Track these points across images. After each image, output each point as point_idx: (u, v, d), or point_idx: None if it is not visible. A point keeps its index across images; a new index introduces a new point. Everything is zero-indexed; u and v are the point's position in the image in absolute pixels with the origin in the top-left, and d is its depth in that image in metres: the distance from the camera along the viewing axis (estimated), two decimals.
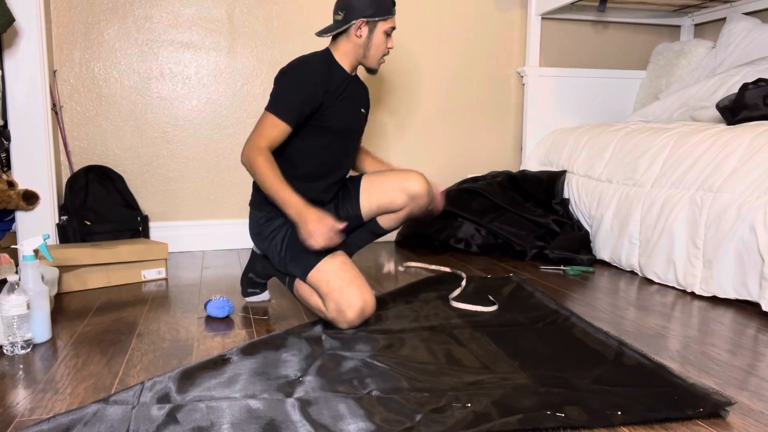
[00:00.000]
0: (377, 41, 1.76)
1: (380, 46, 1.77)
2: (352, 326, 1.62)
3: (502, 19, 3.07)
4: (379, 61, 1.81)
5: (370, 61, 1.80)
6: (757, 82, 2.14)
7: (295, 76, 1.68)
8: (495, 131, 3.15)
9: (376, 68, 1.83)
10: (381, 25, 1.74)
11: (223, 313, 1.75)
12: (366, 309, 1.61)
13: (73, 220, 2.42)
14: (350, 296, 1.59)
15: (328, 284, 1.62)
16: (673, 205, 2.10)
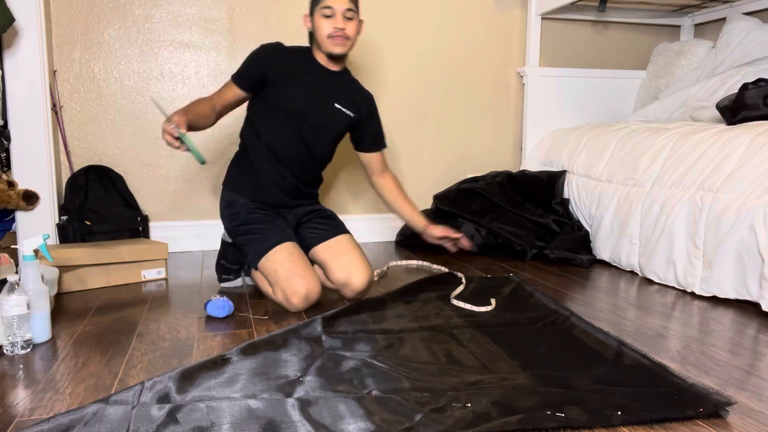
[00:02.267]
0: (317, 25, 1.88)
1: (320, 29, 1.87)
2: (298, 309, 1.81)
3: (502, 19, 3.07)
4: (330, 43, 1.88)
5: (323, 47, 1.90)
6: (757, 82, 2.14)
7: (253, 52, 1.93)
8: (495, 131, 3.15)
9: (332, 51, 1.89)
10: (317, 12, 1.86)
11: (223, 313, 1.75)
12: (310, 295, 1.80)
13: (73, 220, 2.42)
14: (295, 284, 1.78)
15: (276, 273, 1.81)
16: (673, 205, 2.10)
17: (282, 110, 1.92)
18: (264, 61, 1.90)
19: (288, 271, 1.80)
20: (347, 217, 2.95)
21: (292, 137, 1.94)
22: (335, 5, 1.84)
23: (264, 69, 1.89)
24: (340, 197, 2.96)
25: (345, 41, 1.88)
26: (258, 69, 1.89)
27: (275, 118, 1.93)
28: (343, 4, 1.85)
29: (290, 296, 1.79)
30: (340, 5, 1.84)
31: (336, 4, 1.84)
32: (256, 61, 1.91)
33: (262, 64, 1.90)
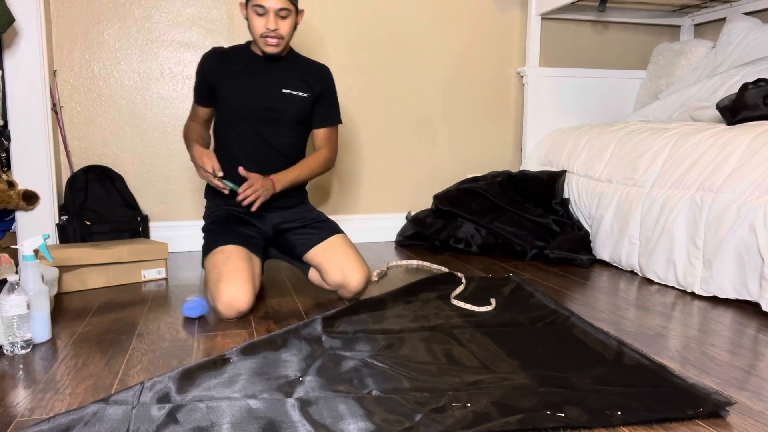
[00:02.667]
0: (250, 21, 1.81)
1: (253, 26, 1.81)
2: (225, 317, 1.72)
3: (502, 19, 3.07)
4: (263, 42, 1.81)
5: (258, 44, 1.85)
6: (757, 82, 2.14)
7: (197, 67, 1.96)
8: (495, 131, 3.15)
9: (266, 51, 1.84)
10: (250, 6, 1.77)
11: (194, 313, 1.73)
12: (234, 304, 1.69)
13: (73, 220, 2.42)
14: (220, 290, 1.69)
15: (209, 275, 1.78)
16: (673, 205, 2.10)
17: (231, 110, 1.91)
18: (204, 72, 1.91)
19: (219, 274, 1.72)
20: (347, 216, 2.95)
21: (248, 135, 1.90)
22: (267, 4, 1.75)
23: (207, 79, 1.91)
24: (340, 197, 2.96)
25: (279, 41, 1.81)
26: (203, 82, 1.92)
27: (228, 121, 1.92)
28: (277, 3, 1.75)
29: (215, 301, 1.70)
30: (273, 4, 1.75)
31: (268, 3, 1.75)
32: (198, 75, 1.93)
33: (203, 75, 1.91)
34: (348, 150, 2.94)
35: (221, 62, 1.91)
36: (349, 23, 2.86)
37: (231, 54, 1.93)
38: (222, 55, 1.92)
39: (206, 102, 1.96)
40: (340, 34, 2.85)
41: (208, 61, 1.92)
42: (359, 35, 2.87)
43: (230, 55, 1.92)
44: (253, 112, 1.89)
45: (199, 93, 1.96)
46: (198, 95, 1.97)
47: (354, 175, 2.96)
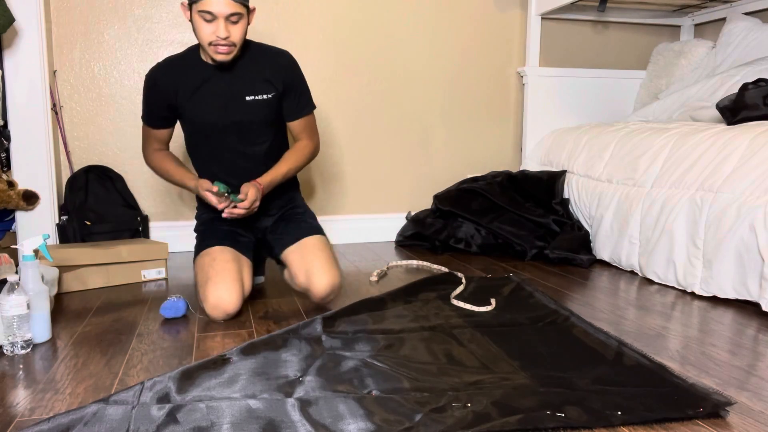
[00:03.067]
0: (196, 26, 1.62)
1: (199, 31, 1.62)
2: (214, 319, 1.71)
3: (502, 19, 3.07)
4: (212, 50, 1.64)
5: (206, 52, 1.67)
6: (757, 82, 2.14)
7: (144, 87, 1.81)
8: (495, 131, 3.15)
9: (216, 60, 1.66)
10: (195, 8, 1.60)
11: (170, 314, 1.73)
12: (220, 305, 1.68)
13: (73, 220, 2.42)
14: (207, 292, 1.69)
15: (197, 277, 1.78)
16: (673, 205, 2.10)
17: (196, 130, 1.81)
18: (156, 92, 1.77)
19: (206, 276, 1.72)
20: (347, 216, 2.95)
21: (222, 151, 1.82)
22: (216, 10, 1.57)
23: (161, 100, 1.77)
24: (340, 197, 2.96)
25: (230, 48, 1.64)
26: (157, 103, 1.78)
27: (197, 140, 1.84)
28: (227, 8, 1.57)
29: (203, 303, 1.70)
30: (223, 9, 1.57)
31: (217, 9, 1.57)
32: (150, 97, 1.79)
33: (156, 96, 1.77)
34: (348, 150, 2.94)
35: (173, 79, 1.75)
36: (349, 23, 2.86)
37: (181, 67, 1.76)
38: (171, 69, 1.75)
39: (163, 123, 1.83)
40: (340, 34, 2.85)
41: (158, 80, 1.75)
42: (359, 35, 2.87)
43: (181, 69, 1.75)
44: (220, 128, 1.79)
45: (155, 116, 1.80)
46: (152, 118, 1.81)
47: (354, 175, 2.96)
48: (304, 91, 1.87)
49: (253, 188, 1.70)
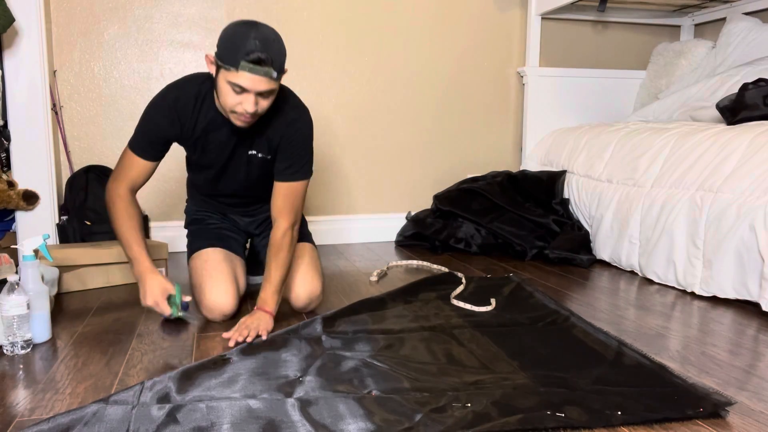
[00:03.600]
0: (221, 89, 1.46)
1: (224, 96, 1.46)
2: (212, 319, 1.70)
3: (502, 19, 3.07)
4: (233, 117, 1.49)
5: (225, 113, 1.53)
6: (757, 82, 2.14)
7: (147, 114, 1.62)
8: (495, 131, 3.15)
9: (235, 125, 1.52)
10: (224, 74, 1.42)
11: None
12: (216, 307, 1.67)
13: (73, 220, 2.42)
14: (203, 295, 1.69)
15: (193, 278, 1.76)
16: (673, 205, 2.09)
17: (202, 169, 1.75)
18: (162, 127, 1.61)
19: (201, 278, 1.71)
20: (347, 217, 2.95)
21: (224, 184, 1.78)
22: (250, 86, 1.41)
23: (165, 133, 1.62)
24: (340, 197, 2.96)
25: (254, 119, 1.50)
26: (159, 137, 1.62)
27: (201, 175, 1.78)
28: (262, 86, 1.42)
29: (200, 305, 1.70)
30: (258, 87, 1.42)
31: (251, 86, 1.41)
32: (152, 128, 1.61)
33: (161, 130, 1.61)
34: (348, 150, 2.94)
35: (180, 117, 1.61)
36: (349, 23, 2.86)
37: (192, 107, 1.60)
38: (182, 107, 1.60)
39: (154, 155, 1.64)
40: (340, 34, 2.85)
41: (165, 114, 1.60)
42: (359, 35, 2.87)
43: (191, 109, 1.60)
44: (225, 173, 1.74)
45: (148, 145, 1.62)
46: (144, 147, 1.62)
47: (354, 175, 2.96)
48: (301, 156, 1.66)
49: (264, 321, 1.55)
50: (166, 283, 1.61)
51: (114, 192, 1.63)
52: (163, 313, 1.61)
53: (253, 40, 1.38)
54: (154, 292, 1.59)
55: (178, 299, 1.63)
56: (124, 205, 1.62)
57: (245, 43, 1.38)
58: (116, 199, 1.62)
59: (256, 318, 1.55)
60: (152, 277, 1.60)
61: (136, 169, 1.64)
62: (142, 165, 1.64)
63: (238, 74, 1.40)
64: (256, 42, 1.38)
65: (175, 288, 1.62)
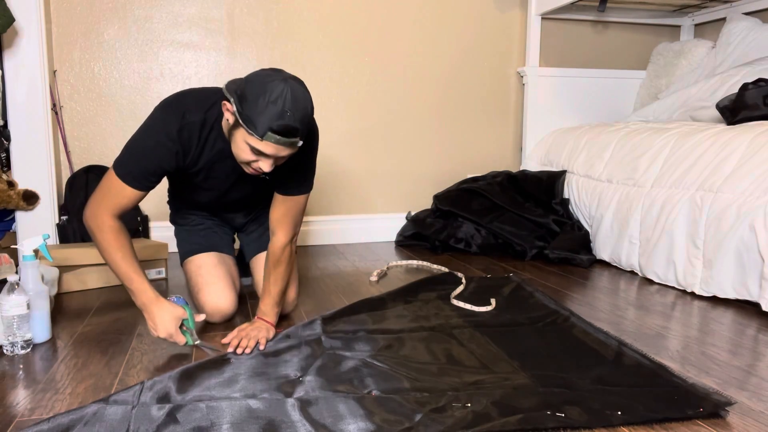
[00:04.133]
0: (237, 143, 1.34)
1: (239, 150, 1.35)
2: (212, 321, 1.70)
3: (502, 19, 3.07)
4: (245, 167, 1.39)
5: (235, 157, 1.40)
6: (757, 82, 2.14)
7: (144, 142, 1.44)
8: (495, 131, 3.15)
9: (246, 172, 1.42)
10: (244, 134, 1.30)
11: None
12: (218, 310, 1.68)
13: (73, 220, 2.42)
14: (202, 300, 1.69)
15: (191, 281, 1.75)
16: (673, 205, 2.09)
17: (198, 190, 1.67)
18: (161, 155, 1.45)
19: (196, 285, 1.71)
20: (347, 216, 2.95)
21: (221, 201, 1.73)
22: (272, 153, 1.31)
23: (165, 163, 1.47)
24: (340, 197, 2.96)
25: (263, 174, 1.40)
26: (157, 165, 1.46)
27: (196, 194, 1.69)
28: (283, 153, 1.32)
29: (203, 306, 1.70)
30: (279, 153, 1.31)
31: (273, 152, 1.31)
32: (152, 160, 1.45)
33: (160, 159, 1.46)
34: (348, 150, 2.94)
35: (185, 153, 1.48)
36: (349, 23, 2.86)
37: (197, 138, 1.48)
38: (187, 142, 1.47)
39: (150, 187, 1.49)
40: (340, 34, 2.85)
41: (166, 148, 1.45)
42: (359, 35, 2.87)
43: (196, 140, 1.48)
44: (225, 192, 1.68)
45: (145, 178, 1.46)
46: (139, 179, 1.45)
47: (354, 175, 2.96)
48: (305, 171, 1.58)
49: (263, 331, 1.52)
50: (175, 309, 1.46)
51: (100, 220, 1.44)
52: (178, 343, 1.46)
53: (283, 108, 1.25)
54: (165, 323, 1.44)
55: (191, 323, 1.48)
56: (114, 235, 1.44)
57: (277, 114, 1.25)
58: (104, 229, 1.44)
59: (256, 327, 1.52)
60: (160, 307, 1.45)
61: (124, 198, 1.46)
62: (131, 194, 1.46)
63: (261, 142, 1.28)
64: (287, 112, 1.25)
65: (186, 311, 1.47)
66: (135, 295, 1.46)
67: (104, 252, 1.45)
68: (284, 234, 1.59)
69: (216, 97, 1.47)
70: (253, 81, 1.29)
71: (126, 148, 1.47)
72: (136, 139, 1.46)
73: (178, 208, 1.88)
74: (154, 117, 1.47)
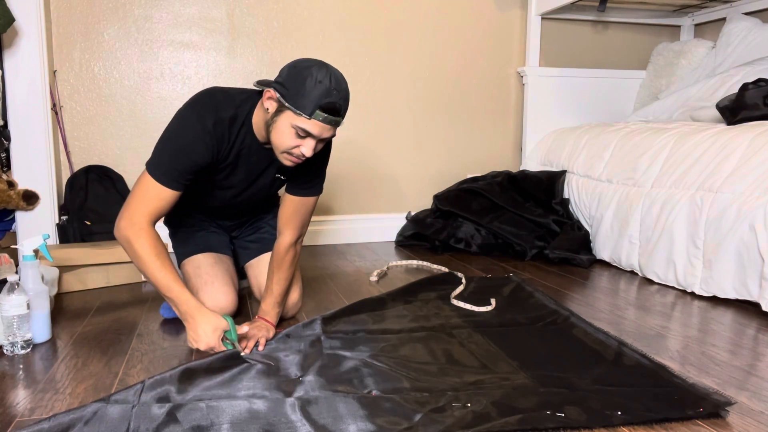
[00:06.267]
0: (280, 129, 1.36)
1: (283, 136, 1.36)
2: None
3: (502, 19, 3.07)
4: (283, 157, 1.41)
5: (273, 147, 1.42)
6: (757, 82, 2.14)
7: (179, 139, 1.43)
8: (495, 131, 3.15)
9: (281, 162, 1.43)
10: (290, 116, 1.33)
11: (170, 314, 1.73)
12: (220, 307, 1.64)
13: (73, 220, 2.42)
14: (204, 296, 1.65)
15: (190, 281, 1.70)
16: (673, 205, 2.09)
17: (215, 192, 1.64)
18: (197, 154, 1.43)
19: (195, 286, 1.68)
20: (347, 216, 2.95)
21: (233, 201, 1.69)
22: (317, 133, 1.35)
23: (201, 161, 1.45)
24: (340, 197, 2.96)
25: (301, 161, 1.43)
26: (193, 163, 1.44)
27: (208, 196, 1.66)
28: (329, 132, 1.37)
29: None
30: (325, 134, 1.36)
31: (319, 132, 1.35)
32: (189, 156, 1.43)
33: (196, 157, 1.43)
34: (348, 150, 2.94)
35: (218, 147, 1.47)
36: (349, 22, 2.86)
37: (228, 134, 1.47)
38: (221, 136, 1.46)
39: (186, 186, 1.46)
40: (340, 34, 2.85)
41: (203, 143, 1.43)
42: (359, 35, 2.87)
43: (227, 135, 1.47)
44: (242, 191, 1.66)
45: (182, 177, 1.43)
46: (177, 179, 1.43)
47: (354, 175, 2.96)
48: (319, 173, 1.61)
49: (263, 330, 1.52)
50: (218, 320, 1.40)
51: (137, 228, 1.41)
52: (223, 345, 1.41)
53: (331, 89, 1.32)
54: (207, 336, 1.38)
55: (233, 334, 1.41)
56: (152, 242, 1.41)
57: (324, 92, 1.31)
58: (141, 234, 1.40)
59: (256, 326, 1.52)
60: (203, 317, 1.39)
61: (162, 200, 1.43)
62: (168, 196, 1.43)
63: (309, 121, 1.32)
64: (334, 91, 1.32)
65: (228, 322, 1.41)
66: (175, 304, 1.42)
67: (141, 261, 1.41)
68: (291, 234, 1.60)
69: (244, 95, 1.49)
70: (296, 66, 1.34)
71: (159, 148, 1.45)
72: (169, 139, 1.45)
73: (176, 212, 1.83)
74: (185, 115, 1.45)
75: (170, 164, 1.42)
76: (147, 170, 1.43)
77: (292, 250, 1.62)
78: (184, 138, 1.43)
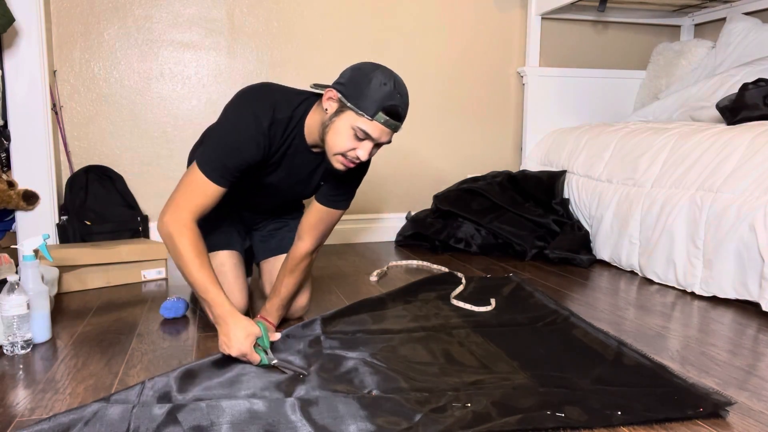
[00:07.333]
0: (338, 131, 1.35)
1: (340, 137, 1.34)
2: None
3: (502, 19, 3.07)
4: (336, 160, 1.38)
5: (327, 148, 1.39)
6: (757, 82, 2.14)
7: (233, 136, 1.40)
8: (495, 131, 3.15)
9: (333, 168, 1.41)
10: (352, 117, 1.32)
11: (170, 314, 1.73)
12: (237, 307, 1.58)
13: (73, 220, 2.42)
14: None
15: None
16: (673, 205, 2.10)
17: (254, 189, 1.62)
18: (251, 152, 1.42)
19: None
20: (347, 216, 2.95)
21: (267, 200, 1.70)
22: (377, 136, 1.34)
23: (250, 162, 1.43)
24: None
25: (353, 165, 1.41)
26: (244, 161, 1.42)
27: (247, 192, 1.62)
28: (389, 137, 1.36)
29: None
30: (384, 138, 1.35)
31: (379, 135, 1.33)
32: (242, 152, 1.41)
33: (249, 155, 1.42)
34: None
35: (271, 147, 1.45)
36: (349, 23, 2.86)
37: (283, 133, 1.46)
38: (274, 136, 1.44)
39: (233, 183, 1.45)
40: (340, 34, 2.85)
41: (256, 142, 1.41)
42: (358, 35, 2.87)
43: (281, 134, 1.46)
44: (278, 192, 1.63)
45: (231, 174, 1.42)
46: (226, 176, 1.41)
47: None
48: (352, 188, 1.60)
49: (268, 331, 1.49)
50: (251, 326, 1.36)
51: (181, 224, 1.38)
52: (251, 362, 1.36)
53: (395, 93, 1.31)
54: (239, 341, 1.33)
55: (265, 341, 1.38)
56: (194, 240, 1.39)
57: (387, 94, 1.31)
58: (184, 231, 1.38)
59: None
60: (236, 323, 1.35)
61: (209, 197, 1.41)
62: (215, 192, 1.42)
63: (370, 123, 1.31)
64: (398, 95, 1.32)
65: (260, 328, 1.38)
66: (210, 306, 1.39)
67: (181, 258, 1.39)
68: (310, 242, 1.60)
69: (302, 97, 1.47)
70: (360, 69, 1.34)
71: (212, 144, 1.43)
72: (223, 134, 1.42)
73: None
74: (240, 113, 1.42)
75: (222, 160, 1.40)
76: (197, 165, 1.41)
77: (308, 259, 1.61)
78: (238, 136, 1.40)
